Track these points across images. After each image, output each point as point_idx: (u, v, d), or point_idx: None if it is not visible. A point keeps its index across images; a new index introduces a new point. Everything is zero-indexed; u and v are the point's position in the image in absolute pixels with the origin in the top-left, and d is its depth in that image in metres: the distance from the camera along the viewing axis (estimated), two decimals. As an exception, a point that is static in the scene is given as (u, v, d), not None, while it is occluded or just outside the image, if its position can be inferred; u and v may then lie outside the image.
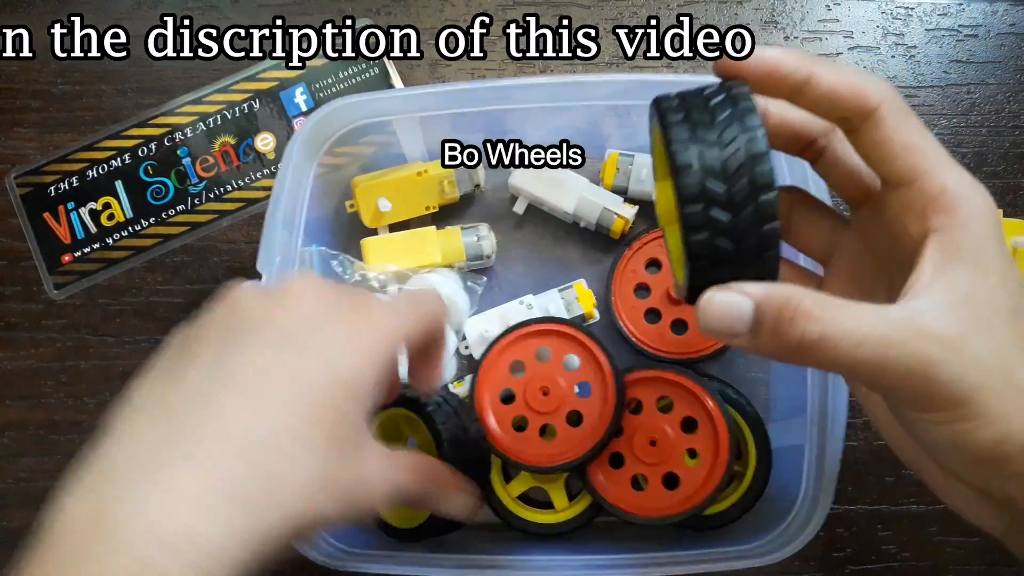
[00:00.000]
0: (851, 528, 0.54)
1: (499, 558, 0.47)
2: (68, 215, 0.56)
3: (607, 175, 0.52)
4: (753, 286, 0.26)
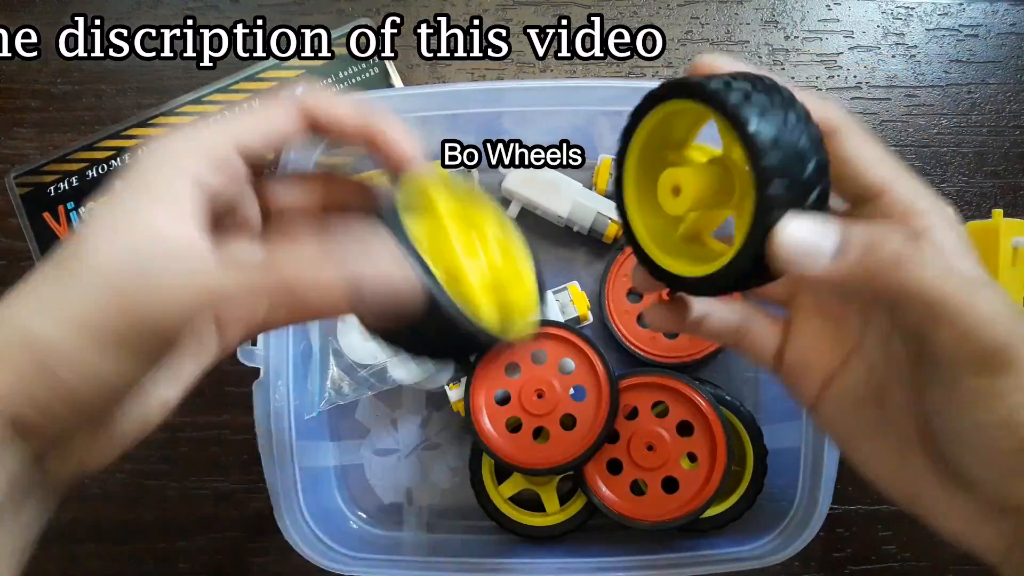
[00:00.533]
0: (851, 528, 0.54)
1: (492, 561, 0.47)
2: (68, 215, 0.56)
3: (600, 180, 0.52)
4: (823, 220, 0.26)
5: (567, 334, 0.46)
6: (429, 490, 0.53)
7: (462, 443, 0.53)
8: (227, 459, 0.54)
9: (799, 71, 0.57)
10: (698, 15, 0.58)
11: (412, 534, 0.53)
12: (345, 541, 0.47)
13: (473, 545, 0.51)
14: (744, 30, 0.57)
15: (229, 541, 0.54)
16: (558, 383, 0.46)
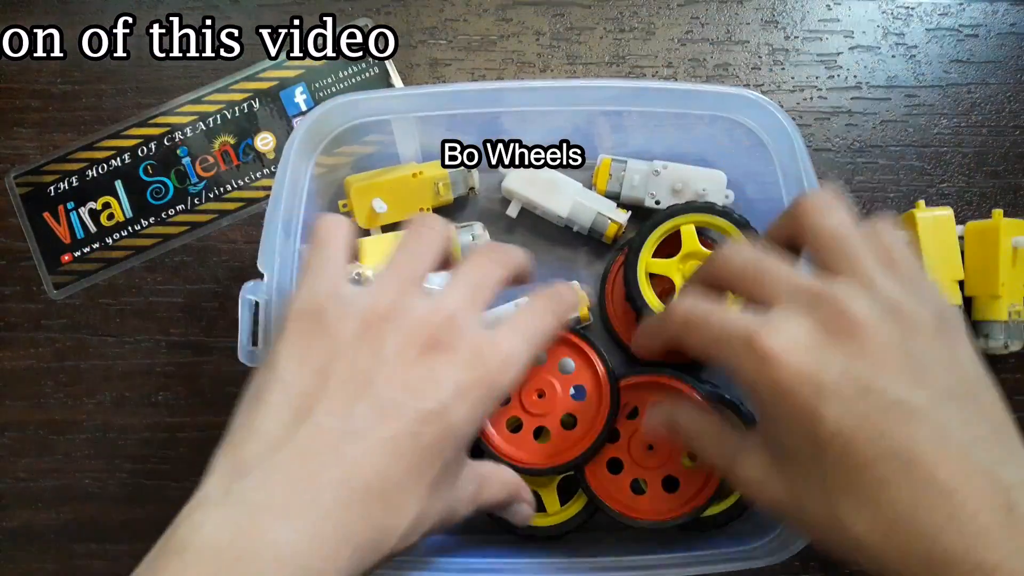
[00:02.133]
0: (851, 528, 0.53)
1: (492, 561, 0.47)
2: (68, 215, 0.56)
3: (600, 180, 0.52)
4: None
5: (566, 334, 0.46)
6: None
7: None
8: (227, 459, 0.54)
9: (799, 71, 0.57)
10: (698, 15, 0.58)
11: (412, 534, 0.53)
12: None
13: (473, 545, 0.51)
14: (744, 30, 0.57)
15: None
16: (558, 383, 0.46)
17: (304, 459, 0.29)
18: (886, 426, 0.28)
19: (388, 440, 0.30)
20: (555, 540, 0.49)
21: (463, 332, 0.33)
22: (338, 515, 0.29)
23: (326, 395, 0.31)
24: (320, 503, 0.29)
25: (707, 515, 0.47)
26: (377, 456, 0.30)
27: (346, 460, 0.29)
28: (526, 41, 0.57)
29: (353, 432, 0.30)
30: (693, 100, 0.48)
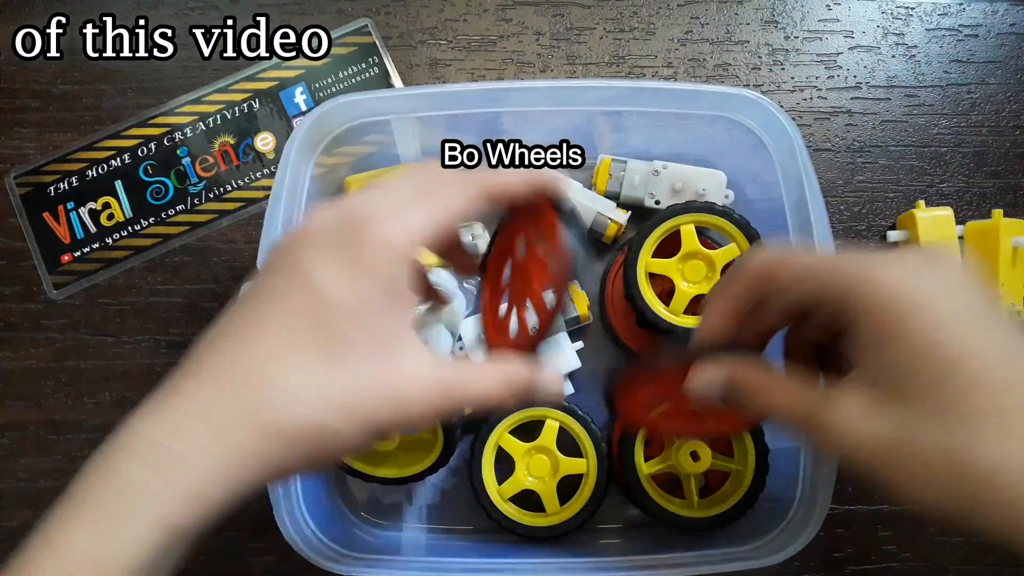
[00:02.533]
0: (851, 528, 0.54)
1: (492, 561, 0.47)
2: (68, 215, 0.56)
3: (600, 180, 0.52)
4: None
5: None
6: (429, 490, 0.53)
7: (462, 443, 0.53)
8: (227, 459, 0.54)
9: (799, 71, 0.57)
10: (698, 15, 0.58)
11: (412, 534, 0.53)
12: (345, 541, 0.47)
13: (473, 545, 0.51)
14: (744, 30, 0.57)
15: (229, 541, 0.54)
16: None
17: (194, 357, 0.31)
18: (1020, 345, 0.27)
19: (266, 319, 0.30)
20: (555, 540, 0.49)
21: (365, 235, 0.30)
22: (199, 397, 0.29)
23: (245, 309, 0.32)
24: (183, 389, 0.29)
25: (706, 516, 0.47)
26: (251, 338, 0.30)
27: (218, 351, 0.31)
28: (526, 41, 0.57)
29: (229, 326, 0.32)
30: (693, 100, 0.48)
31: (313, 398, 0.28)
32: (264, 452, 0.28)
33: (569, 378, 0.51)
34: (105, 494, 0.27)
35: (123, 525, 0.27)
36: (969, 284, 0.29)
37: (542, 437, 0.48)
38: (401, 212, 0.30)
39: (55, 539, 0.26)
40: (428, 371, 0.30)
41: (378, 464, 0.48)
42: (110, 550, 0.26)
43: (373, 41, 0.57)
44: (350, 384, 0.29)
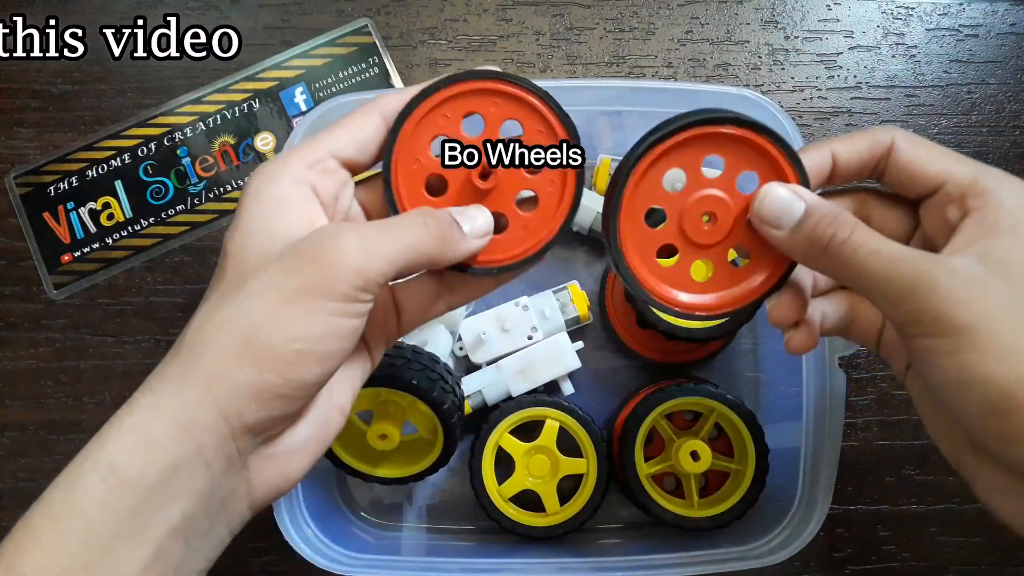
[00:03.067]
0: (851, 528, 0.54)
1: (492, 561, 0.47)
2: (68, 215, 0.56)
3: (600, 180, 0.52)
4: (807, 192, 0.30)
5: (505, 86, 0.34)
6: (429, 490, 0.53)
7: (462, 443, 0.53)
8: (227, 459, 0.54)
9: (799, 71, 0.57)
10: (698, 15, 0.58)
11: (412, 534, 0.53)
12: (345, 541, 0.47)
13: (473, 545, 0.51)
14: (744, 30, 0.57)
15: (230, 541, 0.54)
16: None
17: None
18: None
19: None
20: (555, 540, 0.49)
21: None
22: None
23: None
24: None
25: (707, 516, 0.47)
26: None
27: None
28: (526, 41, 0.57)
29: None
30: (693, 100, 0.48)
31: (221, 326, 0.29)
32: (198, 396, 0.28)
33: (569, 378, 0.51)
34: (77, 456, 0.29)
35: (69, 468, 0.29)
36: None
37: (542, 437, 0.49)
38: (274, 161, 0.32)
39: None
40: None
41: (378, 464, 0.48)
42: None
43: (373, 41, 0.57)
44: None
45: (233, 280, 0.29)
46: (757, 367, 0.53)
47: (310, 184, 0.31)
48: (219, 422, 0.28)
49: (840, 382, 0.43)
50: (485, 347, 0.51)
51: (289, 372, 0.28)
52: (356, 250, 0.28)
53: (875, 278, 0.28)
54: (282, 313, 0.28)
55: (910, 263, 0.27)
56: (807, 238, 0.29)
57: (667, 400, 0.47)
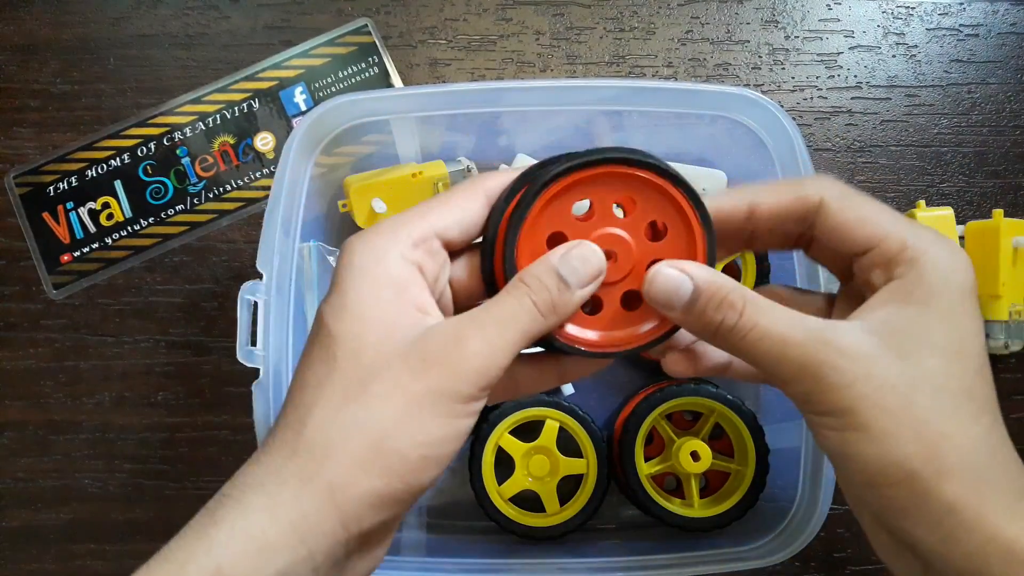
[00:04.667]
0: (851, 528, 0.53)
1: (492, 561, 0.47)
2: (67, 215, 0.56)
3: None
4: (697, 267, 0.30)
5: (621, 169, 0.31)
6: (429, 490, 0.53)
7: (462, 443, 0.53)
8: (227, 459, 0.54)
9: (799, 71, 0.57)
10: (698, 15, 0.57)
11: (412, 534, 0.53)
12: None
13: (473, 545, 0.51)
14: (744, 30, 0.57)
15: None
16: (630, 234, 0.32)
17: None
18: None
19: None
20: (555, 540, 0.49)
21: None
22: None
23: None
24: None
25: (707, 516, 0.47)
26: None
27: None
28: (526, 41, 0.57)
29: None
30: (693, 100, 0.48)
31: (347, 434, 0.28)
32: (319, 504, 0.27)
33: (569, 378, 0.51)
34: (173, 542, 0.27)
35: (167, 566, 0.26)
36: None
37: (542, 437, 0.48)
38: (379, 233, 0.30)
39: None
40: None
41: None
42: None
43: (373, 41, 0.57)
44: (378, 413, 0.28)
45: (354, 377, 0.28)
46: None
47: (418, 266, 0.30)
48: (336, 529, 0.27)
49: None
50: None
51: (412, 478, 0.28)
52: (479, 350, 0.28)
53: (765, 362, 0.28)
54: (410, 419, 0.28)
55: (798, 348, 0.28)
56: (698, 321, 0.29)
57: (667, 400, 0.47)
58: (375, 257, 0.29)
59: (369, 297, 0.29)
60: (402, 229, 0.30)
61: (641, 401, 0.47)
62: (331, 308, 0.29)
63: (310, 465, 0.27)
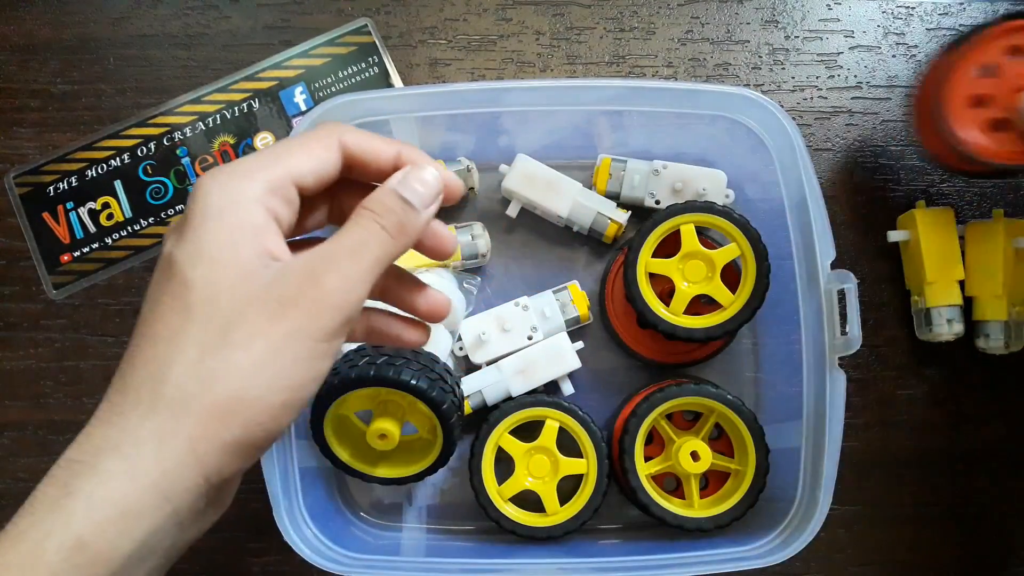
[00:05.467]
0: (851, 528, 0.54)
1: (492, 561, 0.47)
2: (67, 215, 0.56)
3: (600, 180, 0.52)
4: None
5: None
6: (429, 490, 0.53)
7: (462, 443, 0.53)
8: (227, 459, 0.54)
9: (799, 71, 0.57)
10: (698, 15, 0.57)
11: (412, 534, 0.53)
12: (345, 541, 0.47)
13: (473, 545, 0.51)
14: (744, 30, 0.57)
15: (229, 541, 0.54)
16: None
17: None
18: None
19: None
20: (555, 540, 0.49)
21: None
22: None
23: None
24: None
25: (707, 516, 0.47)
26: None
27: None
28: (526, 41, 0.57)
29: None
30: (693, 100, 0.48)
31: (207, 382, 0.27)
32: (183, 446, 0.27)
33: (569, 378, 0.51)
34: (15, 516, 0.26)
35: (21, 545, 0.25)
36: None
37: (542, 437, 0.48)
38: (234, 175, 0.29)
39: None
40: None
41: (378, 464, 0.48)
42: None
43: (373, 41, 0.57)
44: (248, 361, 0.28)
45: (211, 327, 0.27)
46: (757, 367, 0.53)
47: (274, 213, 0.29)
48: (199, 483, 0.27)
49: (840, 382, 0.43)
50: (485, 347, 0.51)
51: (273, 425, 0.28)
52: (337, 285, 0.28)
53: None
54: (271, 364, 0.27)
55: None
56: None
57: (667, 400, 0.47)
58: (231, 200, 0.29)
59: (226, 241, 0.28)
60: (259, 172, 0.29)
61: (641, 401, 0.47)
62: (184, 253, 0.28)
63: (169, 423, 0.27)
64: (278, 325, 0.28)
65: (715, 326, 0.46)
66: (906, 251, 0.54)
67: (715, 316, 0.47)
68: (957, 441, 0.54)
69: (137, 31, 0.58)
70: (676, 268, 0.48)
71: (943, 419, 0.54)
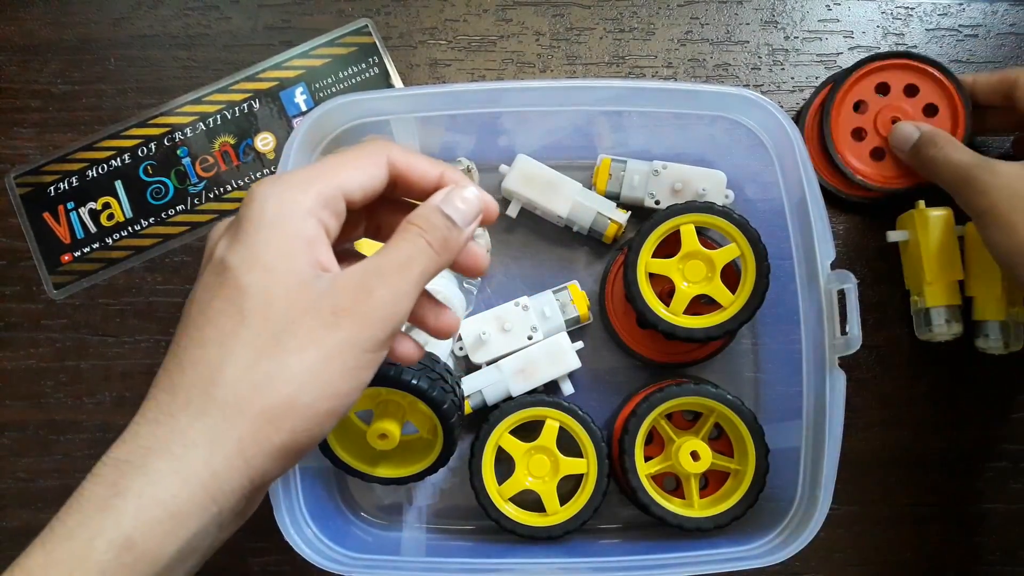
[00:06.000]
0: (851, 528, 0.54)
1: (492, 561, 0.47)
2: (68, 215, 0.56)
3: (600, 180, 0.52)
4: (922, 125, 0.49)
5: (910, 62, 0.52)
6: (429, 490, 0.53)
7: (462, 443, 0.53)
8: (227, 459, 0.54)
9: (799, 71, 0.57)
10: (698, 15, 0.58)
11: (412, 534, 0.53)
12: (345, 541, 0.47)
13: (473, 545, 0.51)
14: (744, 30, 0.57)
15: (229, 541, 0.54)
16: (909, 107, 0.52)
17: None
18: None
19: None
20: (555, 540, 0.49)
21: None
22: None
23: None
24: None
25: (707, 516, 0.47)
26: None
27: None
28: (526, 41, 0.57)
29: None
30: (693, 100, 0.48)
31: (260, 386, 0.28)
32: (234, 449, 0.28)
33: (569, 378, 0.51)
34: (62, 514, 0.27)
35: (71, 543, 0.26)
36: None
37: (542, 437, 0.49)
38: (289, 185, 0.30)
39: (17, 564, 0.26)
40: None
41: (378, 464, 0.48)
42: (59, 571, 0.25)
43: (373, 41, 0.57)
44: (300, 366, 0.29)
45: (265, 332, 0.28)
46: (757, 367, 0.53)
47: (324, 225, 0.30)
48: (244, 485, 0.28)
49: (840, 382, 0.43)
50: (485, 347, 0.51)
51: (318, 431, 0.29)
52: (386, 297, 0.29)
53: (945, 179, 0.46)
54: (322, 373, 0.28)
55: (966, 170, 0.44)
56: (915, 157, 0.48)
57: (667, 400, 0.47)
58: (287, 210, 0.29)
59: (281, 250, 0.29)
60: (313, 184, 0.30)
61: (641, 401, 0.47)
62: (238, 258, 0.29)
63: (221, 425, 0.27)
64: (331, 334, 0.28)
65: (715, 326, 0.47)
66: (905, 251, 0.54)
67: (715, 316, 0.47)
68: (957, 441, 0.54)
69: (138, 31, 0.58)
70: (676, 268, 0.48)
71: (943, 419, 0.54)
